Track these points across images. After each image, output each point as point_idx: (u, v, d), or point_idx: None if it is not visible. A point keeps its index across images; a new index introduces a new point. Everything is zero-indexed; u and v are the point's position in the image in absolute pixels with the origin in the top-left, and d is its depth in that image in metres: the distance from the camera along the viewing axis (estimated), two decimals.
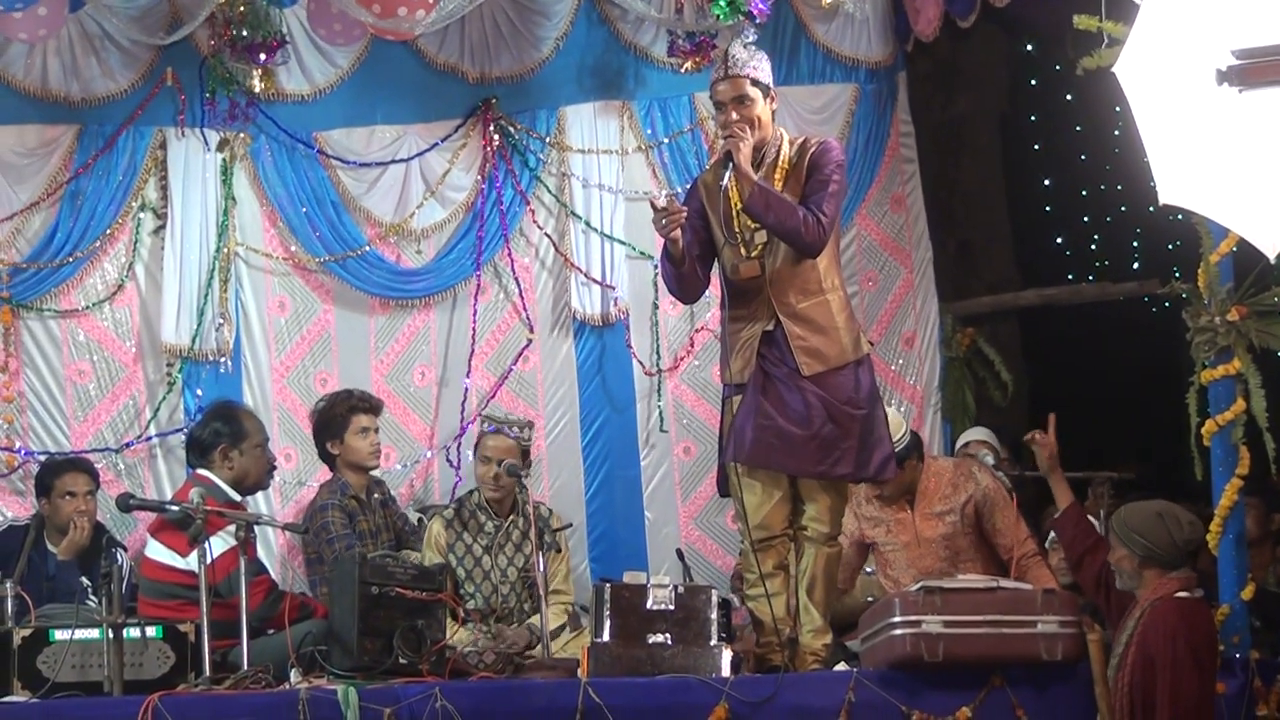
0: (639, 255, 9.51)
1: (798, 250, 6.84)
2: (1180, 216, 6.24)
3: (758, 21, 8.98)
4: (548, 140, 9.52)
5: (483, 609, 7.74)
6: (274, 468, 7.75)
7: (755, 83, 6.89)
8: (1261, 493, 8.44)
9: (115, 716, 6.00)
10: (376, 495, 8.25)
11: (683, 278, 6.93)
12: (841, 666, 6.81)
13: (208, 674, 6.31)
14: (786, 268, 6.90)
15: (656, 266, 9.41)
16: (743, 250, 6.93)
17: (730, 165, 6.78)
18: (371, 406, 8.32)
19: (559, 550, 8.00)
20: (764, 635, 6.94)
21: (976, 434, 9.30)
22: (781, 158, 6.96)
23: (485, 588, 7.77)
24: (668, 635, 6.62)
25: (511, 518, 7.89)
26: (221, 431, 7.45)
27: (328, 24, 9.06)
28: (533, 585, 7.75)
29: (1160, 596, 6.10)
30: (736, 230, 6.92)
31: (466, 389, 9.32)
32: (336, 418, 8.17)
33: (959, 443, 9.34)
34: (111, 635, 6.26)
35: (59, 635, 6.36)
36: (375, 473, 8.44)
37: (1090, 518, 7.28)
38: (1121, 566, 6.23)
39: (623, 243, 9.50)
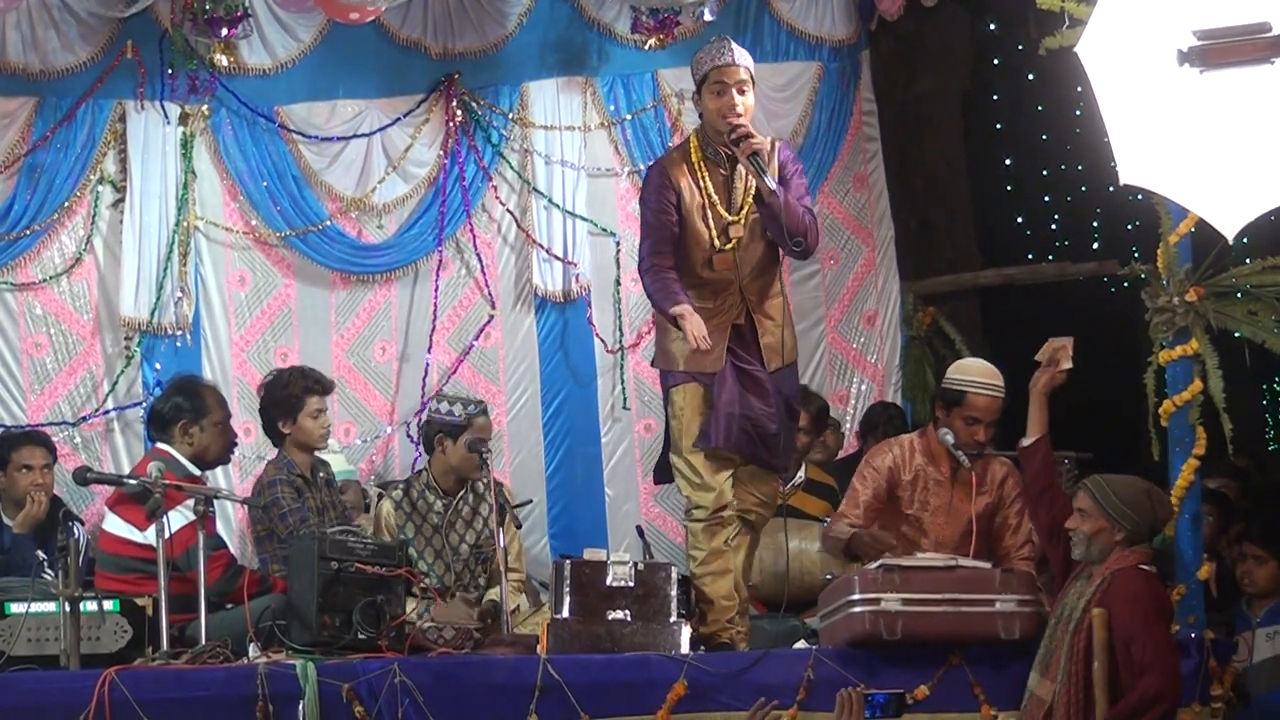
0: (601, 231, 9.52)
1: (798, 252, 6.98)
2: (1140, 197, 6.27)
3: None
4: (510, 116, 9.51)
5: (438, 587, 7.72)
6: (235, 444, 7.71)
7: (750, 76, 6.98)
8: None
9: (71, 690, 5.98)
10: (321, 475, 8.20)
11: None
12: (801, 644, 6.84)
13: (165, 648, 6.29)
14: (756, 264, 7.01)
15: (618, 243, 9.44)
16: (717, 242, 6.95)
17: (756, 163, 6.80)
18: (325, 388, 8.21)
19: (518, 526, 7.99)
20: (713, 613, 6.97)
21: None
22: None
23: (438, 566, 7.75)
24: (627, 612, 6.63)
25: (461, 494, 7.85)
26: (183, 406, 7.41)
27: None
28: (486, 561, 7.74)
29: (1125, 566, 6.14)
30: (711, 223, 6.93)
31: (428, 365, 9.30)
32: (291, 398, 8.04)
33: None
34: (68, 609, 6.24)
35: (15, 608, 6.33)
36: (322, 453, 8.37)
37: None
38: (1098, 538, 6.20)
39: (585, 219, 9.50)
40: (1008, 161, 13.57)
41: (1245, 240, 5.82)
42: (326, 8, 8.84)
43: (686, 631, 6.66)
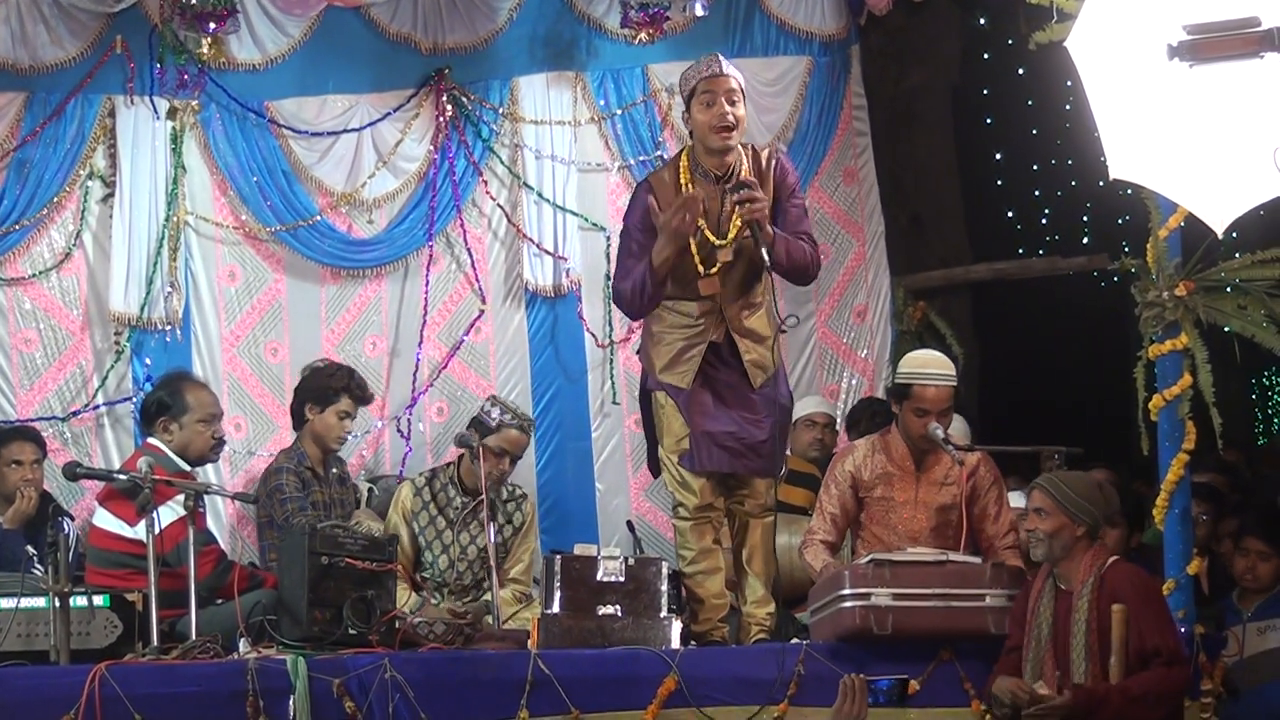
0: (591, 226, 9.51)
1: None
2: (1130, 191, 6.26)
3: None
4: (500, 111, 9.50)
5: (437, 581, 7.72)
6: (220, 443, 7.67)
7: (741, 88, 6.97)
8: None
9: (62, 685, 5.97)
10: (335, 470, 8.22)
11: (657, 295, 6.96)
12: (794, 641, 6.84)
13: (155, 643, 6.29)
14: (739, 284, 7.00)
15: (609, 238, 9.43)
16: (701, 268, 6.95)
17: (754, 231, 6.80)
18: (364, 397, 8.27)
19: (517, 530, 7.94)
20: (704, 612, 6.97)
21: None
22: (743, 172, 6.99)
23: (443, 561, 7.75)
24: (618, 607, 6.63)
25: (482, 497, 7.84)
26: (164, 403, 7.43)
27: None
28: (489, 567, 7.73)
29: (1111, 561, 6.18)
30: (695, 247, 6.94)
31: (418, 360, 9.29)
32: (329, 388, 8.11)
33: None
34: (58, 604, 6.23)
35: (4, 604, 6.31)
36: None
37: None
38: (1059, 535, 6.21)
39: (575, 214, 9.49)
40: (998, 156, 13.61)
41: (1234, 235, 5.84)
42: None
43: (677, 626, 6.66)
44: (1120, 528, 7.71)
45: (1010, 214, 13.98)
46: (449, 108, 9.39)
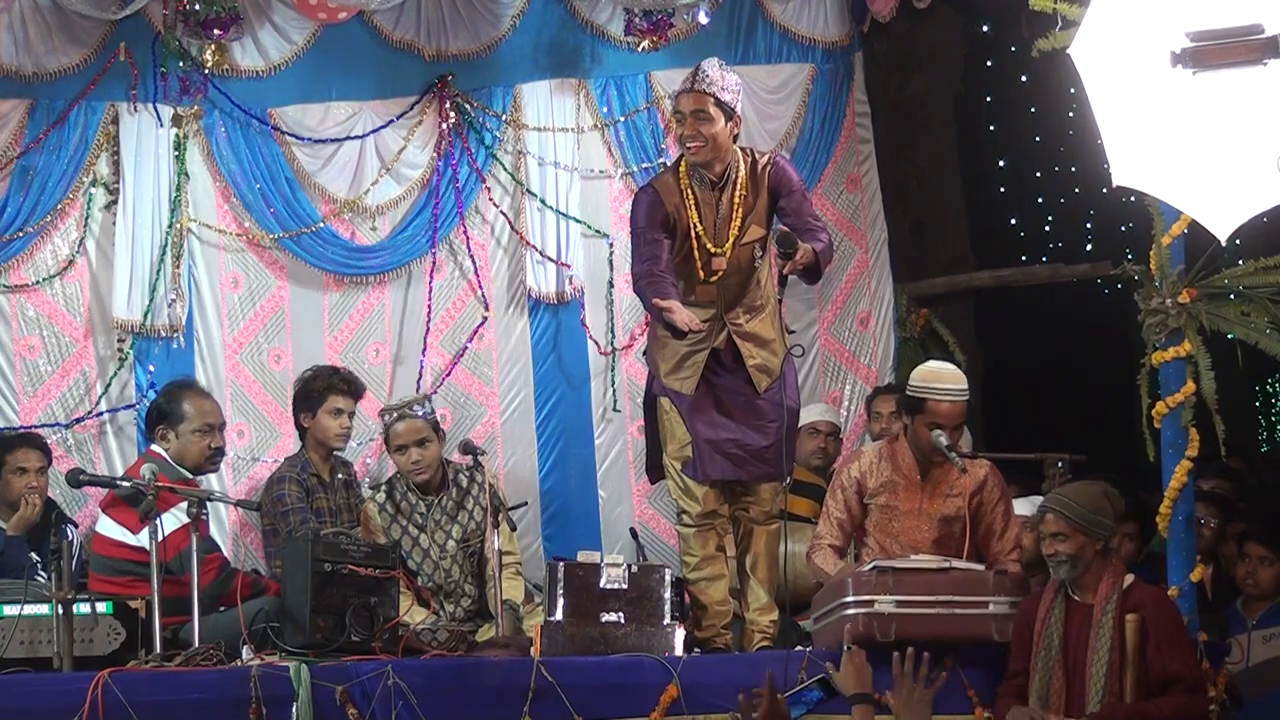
0: (594, 233, 9.51)
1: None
2: (1133, 199, 6.27)
3: None
4: (504, 118, 9.49)
5: (430, 586, 7.72)
6: (219, 452, 7.66)
7: (719, 103, 6.94)
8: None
9: (65, 692, 5.99)
10: (340, 476, 8.21)
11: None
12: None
13: (158, 651, 6.29)
14: (738, 289, 7.02)
15: (611, 245, 9.44)
16: (701, 274, 6.96)
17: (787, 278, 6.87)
18: (351, 389, 8.26)
19: (513, 528, 7.97)
20: (707, 618, 6.97)
21: None
22: (740, 179, 6.99)
23: (427, 565, 7.74)
24: (621, 614, 6.64)
25: (442, 493, 7.85)
26: (163, 410, 7.46)
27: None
28: (473, 555, 7.72)
29: (1131, 583, 6.17)
30: (696, 253, 6.96)
31: (421, 367, 9.29)
32: (314, 393, 8.13)
33: None
34: (61, 611, 6.23)
35: (8, 611, 6.33)
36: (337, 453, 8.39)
37: None
38: (1082, 554, 6.18)
39: (578, 221, 9.48)
40: (1001, 163, 13.60)
41: (1238, 242, 5.85)
42: (301, 7, 8.90)
43: (680, 634, 6.66)
44: (1136, 540, 7.73)
45: (1013, 221, 13.98)
46: (452, 114, 9.39)
